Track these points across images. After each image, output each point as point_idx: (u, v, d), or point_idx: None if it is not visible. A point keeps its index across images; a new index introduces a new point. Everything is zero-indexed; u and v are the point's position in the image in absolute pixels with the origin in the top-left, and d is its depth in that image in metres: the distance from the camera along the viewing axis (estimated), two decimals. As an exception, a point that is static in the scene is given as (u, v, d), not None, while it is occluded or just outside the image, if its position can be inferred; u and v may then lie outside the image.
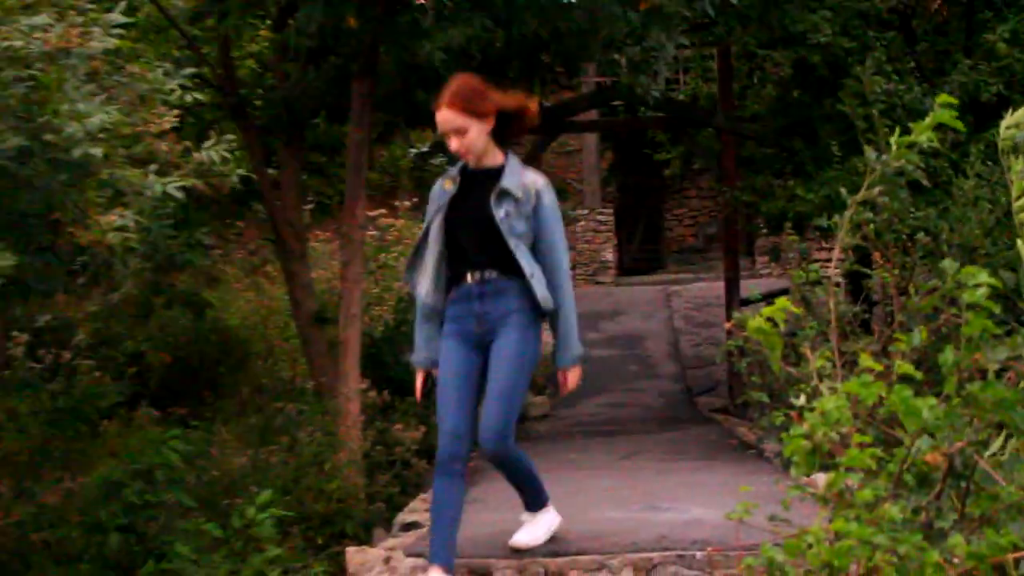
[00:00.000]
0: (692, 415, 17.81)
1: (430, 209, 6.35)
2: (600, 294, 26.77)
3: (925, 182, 8.30)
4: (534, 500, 6.75)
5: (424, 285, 6.32)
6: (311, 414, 14.81)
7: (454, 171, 6.36)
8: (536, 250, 6.19)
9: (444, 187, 6.30)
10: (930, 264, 9.79)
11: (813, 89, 15.80)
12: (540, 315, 6.22)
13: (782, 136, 16.10)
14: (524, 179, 6.16)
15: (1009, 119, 4.58)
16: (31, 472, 13.28)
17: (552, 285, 6.13)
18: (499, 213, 6.06)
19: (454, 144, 6.16)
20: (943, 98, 4.51)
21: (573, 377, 6.31)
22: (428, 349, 6.37)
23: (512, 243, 6.05)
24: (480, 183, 6.20)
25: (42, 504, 11.77)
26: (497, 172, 6.20)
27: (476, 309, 6.17)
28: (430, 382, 6.38)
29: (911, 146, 4.71)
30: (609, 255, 28.59)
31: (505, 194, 6.09)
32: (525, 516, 6.80)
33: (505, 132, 6.28)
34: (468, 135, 6.11)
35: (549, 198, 6.20)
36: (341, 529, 12.52)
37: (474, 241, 6.18)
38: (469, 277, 6.24)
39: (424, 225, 6.38)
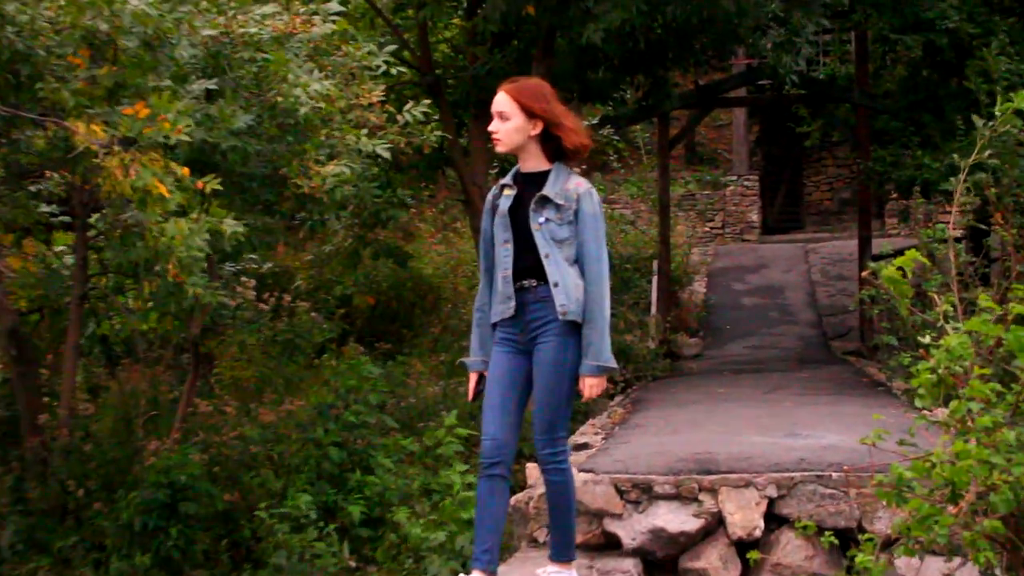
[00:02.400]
0: (827, 356, 17.63)
1: (485, 215, 5.74)
2: (746, 250, 26.67)
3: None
4: (561, 546, 5.80)
5: (480, 290, 5.78)
6: (494, 351, 14.98)
7: (508, 179, 5.68)
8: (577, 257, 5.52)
9: (504, 193, 5.61)
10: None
11: (941, 70, 15.60)
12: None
13: (912, 111, 15.88)
14: (567, 184, 5.49)
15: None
16: (255, 396, 13.69)
17: (585, 293, 5.44)
18: (539, 219, 5.45)
19: (492, 125, 5.52)
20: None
21: (593, 386, 5.46)
22: (482, 352, 5.74)
23: (544, 250, 5.44)
24: (527, 190, 5.54)
25: (263, 423, 12.13)
26: (542, 177, 5.54)
27: (520, 317, 5.53)
28: (483, 384, 5.72)
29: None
30: (754, 216, 28.39)
31: (545, 200, 5.45)
32: (550, 570, 5.80)
33: (554, 150, 5.55)
34: (507, 123, 5.47)
35: (589, 205, 5.47)
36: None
37: (518, 249, 5.53)
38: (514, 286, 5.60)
39: (482, 230, 5.78)
